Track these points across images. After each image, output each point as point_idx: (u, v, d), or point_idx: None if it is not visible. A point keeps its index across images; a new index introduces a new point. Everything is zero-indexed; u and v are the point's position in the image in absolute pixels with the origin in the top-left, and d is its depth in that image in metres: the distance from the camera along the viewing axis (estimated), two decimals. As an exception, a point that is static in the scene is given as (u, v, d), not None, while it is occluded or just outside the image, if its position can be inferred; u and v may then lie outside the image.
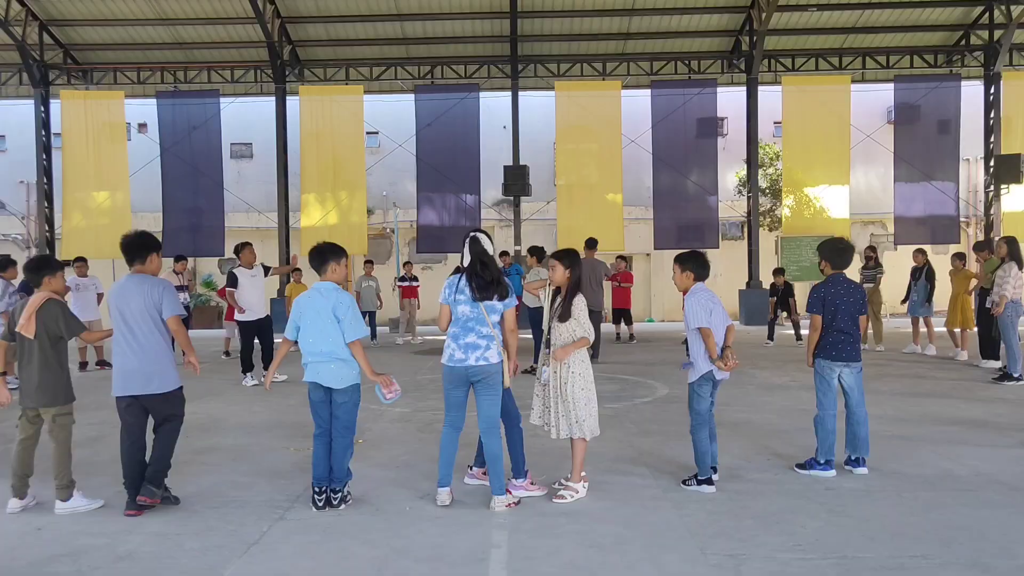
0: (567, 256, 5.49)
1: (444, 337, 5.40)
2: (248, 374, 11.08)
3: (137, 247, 5.36)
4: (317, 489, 5.27)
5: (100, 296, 13.60)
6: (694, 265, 5.74)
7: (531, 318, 12.16)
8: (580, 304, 5.38)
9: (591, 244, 13.47)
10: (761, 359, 13.11)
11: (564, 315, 5.34)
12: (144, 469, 5.29)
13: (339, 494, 5.30)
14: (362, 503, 5.38)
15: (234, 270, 11.22)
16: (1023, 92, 21.02)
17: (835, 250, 6.16)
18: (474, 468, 5.74)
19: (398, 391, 5.41)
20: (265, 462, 6.58)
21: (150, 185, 21.19)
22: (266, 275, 11.49)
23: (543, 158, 23.75)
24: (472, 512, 5.20)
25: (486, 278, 5.20)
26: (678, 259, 5.85)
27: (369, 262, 17.93)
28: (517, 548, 4.55)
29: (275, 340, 11.04)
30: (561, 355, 5.29)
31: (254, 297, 11.15)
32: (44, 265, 5.55)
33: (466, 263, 5.30)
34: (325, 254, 5.43)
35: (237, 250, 11.33)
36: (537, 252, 12.33)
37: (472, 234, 5.35)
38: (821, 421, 5.96)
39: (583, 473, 5.51)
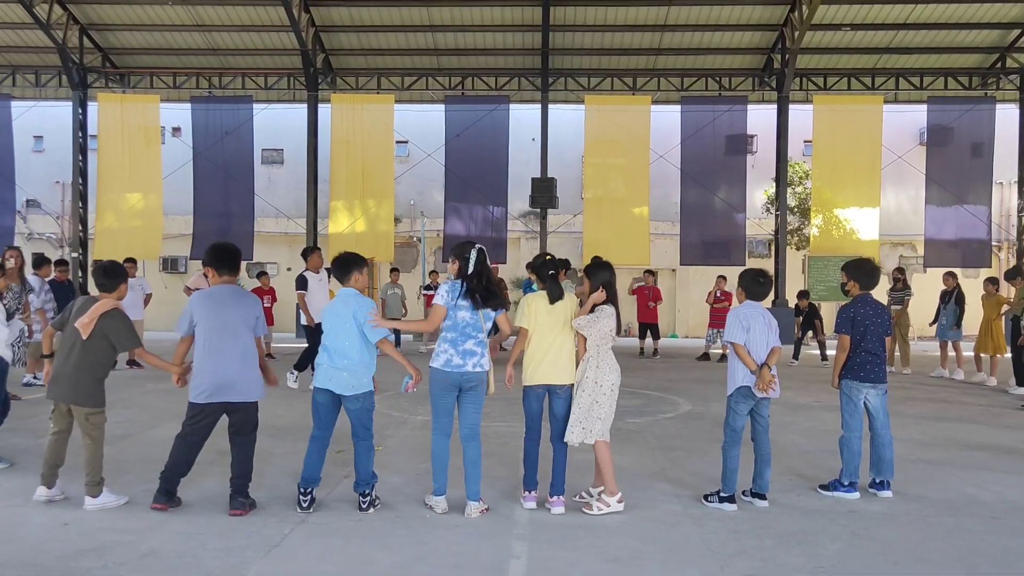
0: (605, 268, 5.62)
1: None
2: (297, 373, 11.00)
3: (231, 259, 5.54)
4: (303, 490, 5.32)
5: (148, 297, 13.71)
6: (746, 282, 5.77)
7: None
8: (606, 309, 5.44)
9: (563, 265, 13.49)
10: (786, 379, 12.95)
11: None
12: (188, 468, 5.38)
13: (368, 498, 5.36)
14: (383, 509, 5.42)
15: (304, 273, 11.26)
16: (1059, 116, 20.77)
17: (864, 271, 6.15)
18: (529, 492, 5.55)
19: (413, 390, 5.50)
20: (288, 465, 6.64)
21: (182, 188, 21.47)
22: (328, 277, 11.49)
23: (571, 171, 23.80)
24: (492, 521, 5.22)
25: (491, 289, 5.35)
26: (740, 274, 5.91)
27: (395, 270, 18.01)
28: (536, 559, 4.56)
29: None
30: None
31: (320, 301, 11.09)
32: (118, 272, 5.61)
33: (470, 270, 5.36)
34: (349, 264, 5.54)
35: (305, 254, 11.33)
36: (563, 265, 12.33)
37: (479, 247, 5.43)
38: (847, 442, 5.91)
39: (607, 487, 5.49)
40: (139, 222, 20.83)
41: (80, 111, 21.41)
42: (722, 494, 5.58)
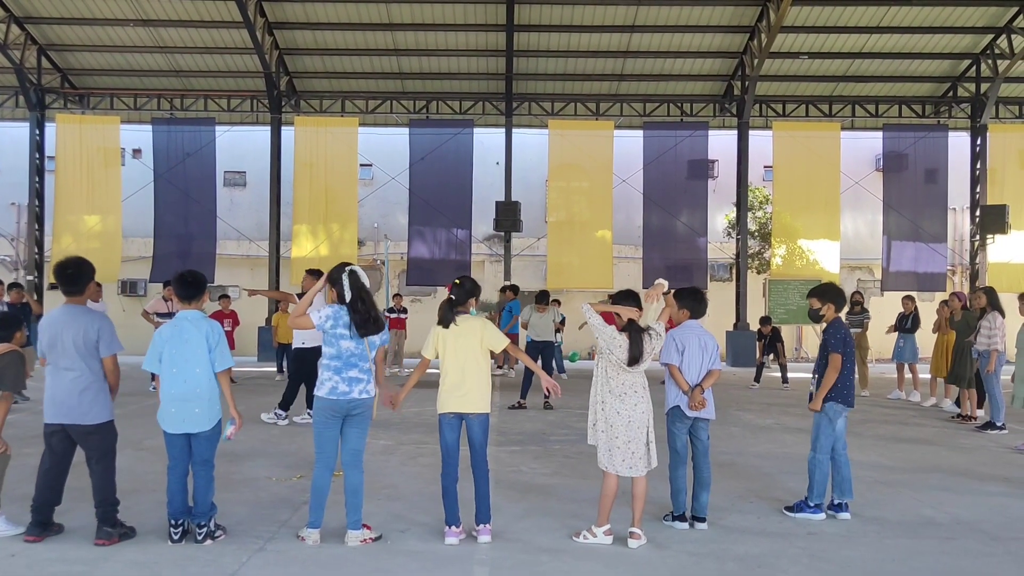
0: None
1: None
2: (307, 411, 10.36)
3: (74, 278, 5.29)
4: (173, 523, 5.14)
5: None
6: (690, 302, 5.83)
7: (533, 351, 12.24)
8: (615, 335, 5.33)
9: (542, 298, 12.97)
10: (747, 401, 13.13)
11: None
12: (58, 497, 5.24)
13: (204, 529, 5.15)
14: (344, 537, 5.32)
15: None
16: (1009, 144, 21.36)
17: (837, 293, 6.24)
18: (450, 527, 5.31)
19: (233, 437, 5.40)
20: (246, 492, 6.54)
21: (142, 210, 21.20)
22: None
23: (535, 195, 23.90)
24: (453, 548, 5.17)
25: (367, 315, 5.19)
26: (675, 294, 5.90)
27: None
28: (497, 585, 4.53)
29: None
30: None
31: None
32: (10, 324, 5.68)
33: (347, 296, 5.24)
34: (201, 283, 5.41)
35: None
36: (545, 297, 12.51)
37: (351, 268, 5.31)
38: (819, 463, 5.94)
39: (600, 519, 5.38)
40: (97, 244, 20.45)
41: (38, 132, 21.08)
42: (674, 513, 5.69)
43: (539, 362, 12.03)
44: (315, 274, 10.60)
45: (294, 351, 10.33)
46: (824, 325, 6.15)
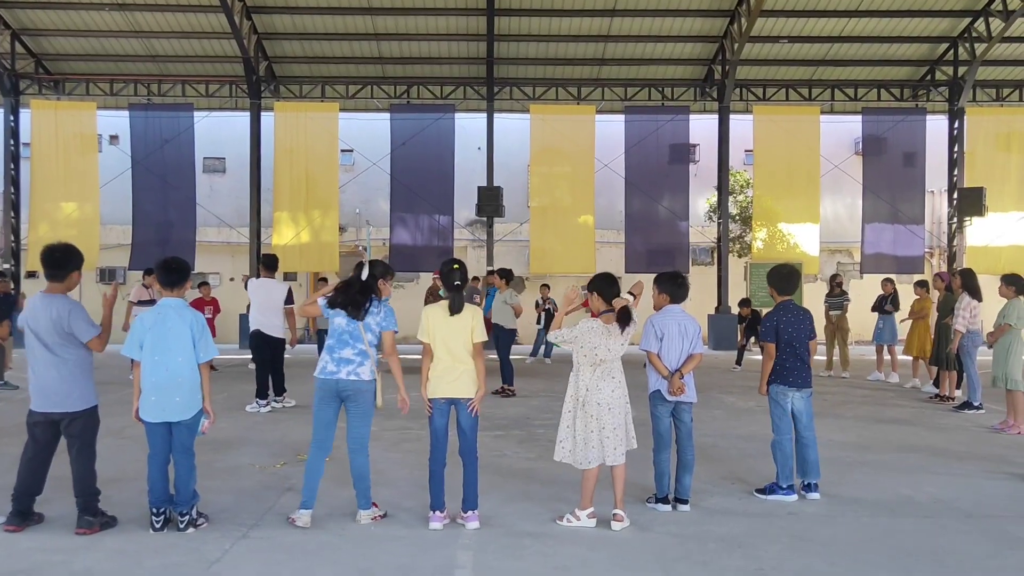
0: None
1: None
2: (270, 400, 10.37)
3: (61, 262, 5.28)
4: (155, 511, 5.09)
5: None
6: (669, 286, 5.83)
7: (505, 341, 12.16)
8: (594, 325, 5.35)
9: (504, 274, 12.67)
10: (728, 384, 13.22)
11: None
12: (39, 487, 5.21)
13: (186, 517, 5.12)
14: (328, 522, 5.33)
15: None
16: (986, 127, 21.52)
17: (780, 276, 6.26)
18: (435, 512, 5.29)
19: (207, 432, 5.40)
20: (229, 480, 6.52)
21: (120, 197, 20.98)
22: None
23: (517, 180, 23.87)
24: (438, 532, 5.19)
25: (355, 299, 5.26)
26: (655, 279, 5.92)
27: (323, 279, 17.15)
28: (482, 569, 4.56)
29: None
30: None
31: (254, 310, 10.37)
32: None
33: (363, 275, 5.34)
34: (184, 270, 5.35)
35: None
36: (506, 275, 12.29)
37: (360, 261, 5.47)
38: (780, 446, 6.02)
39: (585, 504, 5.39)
40: (74, 232, 20.16)
41: (12, 118, 20.80)
42: (657, 496, 5.74)
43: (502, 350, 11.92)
44: (267, 261, 10.62)
45: (250, 337, 10.41)
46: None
